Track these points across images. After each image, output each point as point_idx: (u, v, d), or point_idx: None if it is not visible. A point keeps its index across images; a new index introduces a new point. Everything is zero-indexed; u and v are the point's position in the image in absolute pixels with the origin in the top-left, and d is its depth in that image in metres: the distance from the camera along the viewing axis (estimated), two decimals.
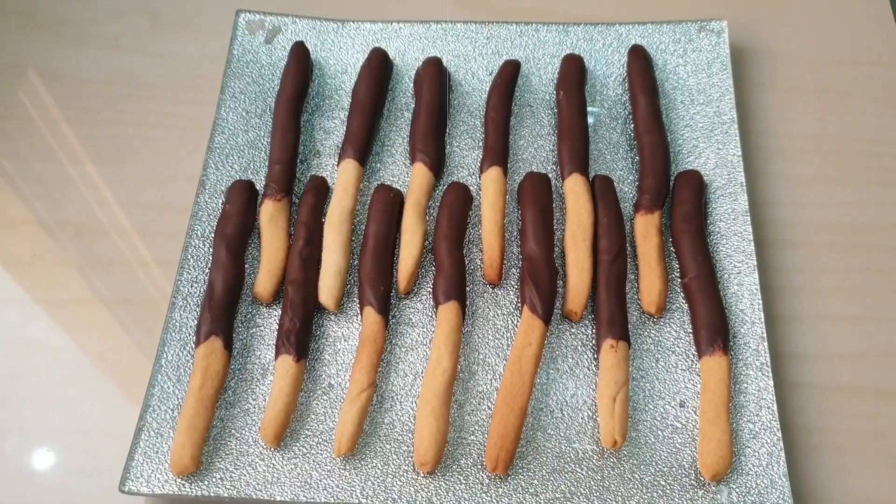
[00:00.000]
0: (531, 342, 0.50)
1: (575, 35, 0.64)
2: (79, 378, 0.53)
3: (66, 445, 0.51)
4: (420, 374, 0.51)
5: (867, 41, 0.66)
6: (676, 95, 0.61)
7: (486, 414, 0.50)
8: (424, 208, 0.56)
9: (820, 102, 0.63)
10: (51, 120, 0.63)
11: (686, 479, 0.47)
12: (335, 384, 0.51)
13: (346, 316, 0.53)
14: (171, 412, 0.49)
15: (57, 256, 0.58)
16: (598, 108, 0.62)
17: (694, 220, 0.55)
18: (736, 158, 0.57)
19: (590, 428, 0.49)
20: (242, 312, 0.53)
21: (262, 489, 0.47)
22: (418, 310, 0.54)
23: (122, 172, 0.61)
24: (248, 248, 0.56)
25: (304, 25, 0.65)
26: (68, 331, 0.55)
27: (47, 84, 0.65)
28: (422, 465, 0.47)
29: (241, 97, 0.62)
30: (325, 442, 0.49)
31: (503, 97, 0.60)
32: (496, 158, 0.57)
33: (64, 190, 0.60)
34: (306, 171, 0.59)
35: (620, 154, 0.59)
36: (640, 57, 0.62)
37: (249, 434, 0.49)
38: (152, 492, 0.47)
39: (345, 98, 0.62)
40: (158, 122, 0.63)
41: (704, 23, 0.63)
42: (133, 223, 0.59)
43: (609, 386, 0.49)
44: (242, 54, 0.63)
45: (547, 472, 0.48)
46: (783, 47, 0.66)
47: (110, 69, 0.66)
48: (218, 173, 0.58)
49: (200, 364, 0.50)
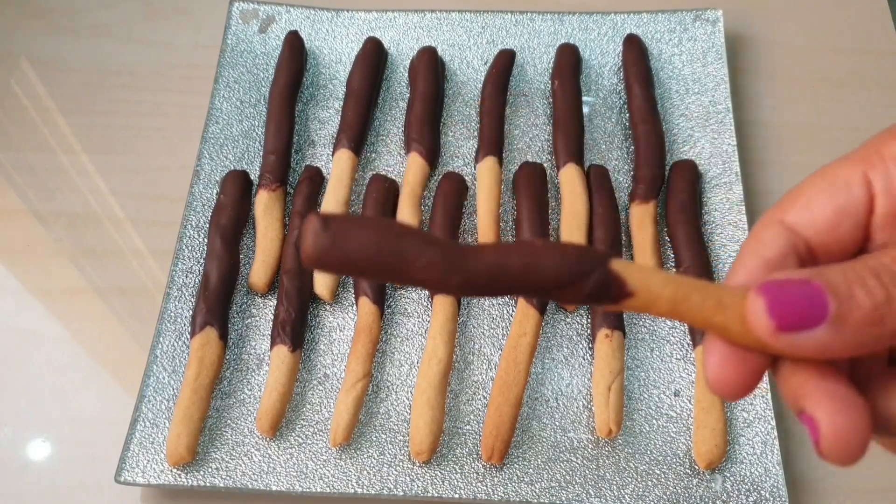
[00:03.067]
0: (526, 332, 0.50)
1: (570, 24, 0.64)
2: (73, 368, 0.53)
3: (61, 436, 0.51)
4: (415, 363, 0.51)
5: (863, 30, 0.66)
6: (671, 85, 0.61)
7: (482, 403, 0.50)
8: (419, 198, 0.56)
9: (815, 91, 0.63)
10: (43, 109, 0.63)
11: (681, 468, 0.48)
12: (330, 374, 0.51)
13: (341, 306, 0.53)
14: (167, 402, 0.49)
15: (50, 246, 0.57)
16: (593, 98, 0.61)
17: (689, 210, 0.55)
18: (731, 148, 0.57)
19: (585, 417, 0.49)
20: (237, 303, 0.53)
21: (258, 479, 0.47)
22: (414, 300, 0.54)
23: (115, 162, 0.61)
24: (242, 238, 0.55)
25: (298, 14, 0.65)
26: (62, 321, 0.55)
27: (40, 73, 0.65)
28: (417, 455, 0.47)
29: (235, 87, 0.61)
30: (320, 432, 0.49)
31: (498, 87, 0.60)
32: (491, 148, 0.57)
33: (57, 179, 0.60)
34: (301, 160, 0.59)
35: (615, 144, 0.59)
36: (636, 46, 0.61)
37: (245, 424, 0.49)
38: (148, 482, 0.47)
39: (339, 88, 0.62)
40: (152, 112, 0.63)
41: (700, 12, 0.63)
42: (127, 213, 0.58)
43: (604, 375, 0.49)
44: (236, 43, 0.63)
45: (542, 461, 0.48)
46: (779, 36, 0.66)
47: (103, 58, 0.66)
48: (212, 163, 0.58)
49: (196, 354, 0.50)
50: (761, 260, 0.24)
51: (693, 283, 0.22)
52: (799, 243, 0.23)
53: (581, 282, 0.21)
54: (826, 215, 0.23)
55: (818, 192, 0.24)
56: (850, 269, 0.21)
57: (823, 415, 0.21)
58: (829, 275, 0.21)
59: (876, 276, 0.21)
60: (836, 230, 0.23)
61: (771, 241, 0.23)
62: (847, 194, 0.23)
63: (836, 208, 0.23)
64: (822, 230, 0.23)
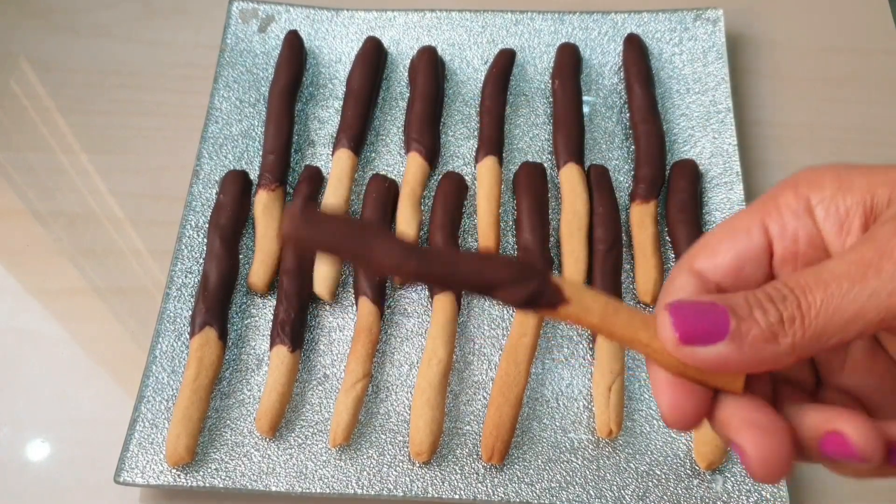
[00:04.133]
0: (527, 332, 0.49)
1: (570, 24, 0.64)
2: (73, 368, 0.53)
3: (60, 436, 0.51)
4: (415, 364, 0.51)
5: (863, 29, 0.66)
6: (672, 84, 0.61)
7: (482, 404, 0.50)
8: (419, 198, 0.56)
9: (816, 91, 0.63)
10: (43, 109, 0.63)
11: (681, 469, 0.47)
12: (330, 374, 0.51)
13: (341, 306, 0.53)
14: (166, 403, 0.49)
15: (50, 246, 0.57)
16: (593, 98, 0.61)
17: (689, 210, 0.54)
18: (732, 147, 0.57)
19: (585, 418, 0.49)
20: (237, 303, 0.53)
21: (258, 480, 0.47)
22: (413, 300, 0.53)
23: (114, 162, 0.61)
24: (242, 238, 0.55)
25: (297, 14, 0.65)
26: (62, 321, 0.55)
27: (39, 73, 0.65)
28: (417, 456, 0.47)
29: (234, 86, 0.61)
30: (320, 433, 0.49)
31: (498, 86, 0.60)
32: (491, 148, 0.57)
33: (57, 179, 0.60)
34: (301, 160, 0.59)
35: (616, 143, 0.59)
36: (636, 46, 0.61)
37: (244, 425, 0.49)
38: (147, 482, 0.47)
39: (339, 87, 0.62)
40: (151, 111, 0.63)
41: (700, 11, 0.63)
42: (126, 213, 0.58)
43: (605, 375, 0.49)
44: (236, 43, 0.63)
45: (542, 461, 0.48)
46: (779, 36, 0.66)
47: (103, 58, 0.66)
48: (212, 163, 0.58)
49: (195, 355, 0.49)
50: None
51: (622, 304, 0.25)
52: (710, 286, 0.26)
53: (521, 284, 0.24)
54: (728, 260, 0.26)
55: (720, 241, 0.27)
56: (751, 294, 0.24)
57: (747, 443, 0.24)
58: (732, 299, 0.24)
59: (771, 300, 0.23)
60: (740, 273, 0.26)
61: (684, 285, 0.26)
62: (747, 241, 0.26)
63: (736, 254, 0.26)
64: (727, 274, 0.26)
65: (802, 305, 0.23)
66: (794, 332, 0.23)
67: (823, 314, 0.23)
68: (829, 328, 0.23)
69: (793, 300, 0.23)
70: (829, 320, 0.23)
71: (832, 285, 0.23)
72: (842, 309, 0.23)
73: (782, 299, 0.23)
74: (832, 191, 0.25)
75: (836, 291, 0.23)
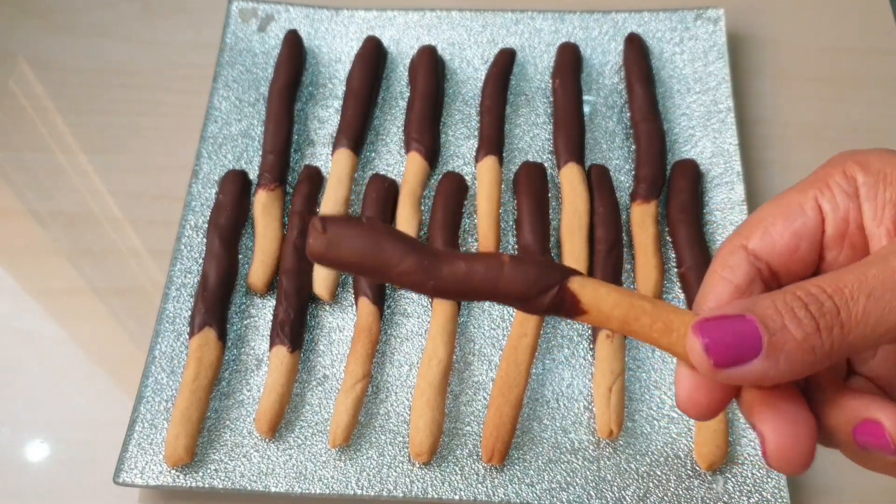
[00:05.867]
0: (527, 332, 0.49)
1: (571, 23, 0.64)
2: (71, 369, 0.53)
3: (59, 437, 0.50)
4: (415, 364, 0.51)
5: (864, 29, 0.66)
6: (673, 84, 0.61)
7: (482, 404, 0.50)
8: (419, 198, 0.56)
9: (817, 90, 0.63)
10: (42, 109, 0.63)
11: (682, 469, 0.47)
12: (330, 375, 0.51)
13: (340, 306, 0.53)
14: (165, 403, 0.49)
15: (48, 246, 0.57)
16: (593, 97, 0.61)
17: (690, 210, 0.54)
18: (733, 147, 0.57)
19: (586, 418, 0.49)
20: (236, 303, 0.53)
21: (257, 480, 0.47)
22: (413, 300, 0.53)
23: (113, 162, 0.60)
24: (241, 238, 0.55)
25: (297, 13, 0.64)
26: (60, 321, 0.54)
27: (38, 73, 0.65)
28: (417, 456, 0.47)
29: (234, 86, 0.61)
30: (320, 433, 0.49)
31: (498, 86, 0.60)
32: (491, 148, 0.57)
33: (55, 179, 0.60)
34: (300, 160, 0.59)
35: (616, 143, 0.59)
36: (637, 45, 0.61)
37: (244, 425, 0.49)
38: (146, 483, 0.47)
39: (339, 87, 0.62)
40: (150, 111, 0.63)
41: (701, 11, 0.63)
42: (125, 213, 0.58)
43: (605, 376, 0.49)
44: (235, 42, 0.63)
45: (543, 462, 0.48)
46: (780, 35, 0.65)
47: (102, 57, 0.65)
48: (211, 163, 0.58)
49: (194, 355, 0.49)
50: (731, 286, 0.26)
51: (644, 306, 0.24)
52: (762, 267, 0.26)
53: (538, 298, 0.24)
54: (785, 240, 0.26)
55: (775, 219, 0.26)
56: (779, 299, 0.23)
57: (768, 430, 0.23)
58: (761, 307, 0.23)
59: (804, 306, 0.23)
60: (795, 253, 0.26)
61: (738, 267, 0.25)
62: (803, 218, 0.26)
63: (793, 232, 0.26)
64: (782, 254, 0.26)
65: (842, 313, 0.22)
66: (833, 340, 0.22)
67: (864, 323, 0.22)
68: (868, 337, 0.22)
69: (831, 308, 0.22)
70: (871, 329, 0.22)
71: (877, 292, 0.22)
72: (884, 319, 0.22)
73: (818, 306, 0.22)
74: (875, 177, 0.25)
75: (881, 300, 0.22)
